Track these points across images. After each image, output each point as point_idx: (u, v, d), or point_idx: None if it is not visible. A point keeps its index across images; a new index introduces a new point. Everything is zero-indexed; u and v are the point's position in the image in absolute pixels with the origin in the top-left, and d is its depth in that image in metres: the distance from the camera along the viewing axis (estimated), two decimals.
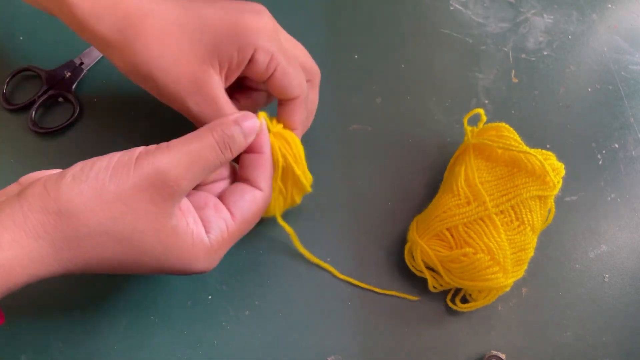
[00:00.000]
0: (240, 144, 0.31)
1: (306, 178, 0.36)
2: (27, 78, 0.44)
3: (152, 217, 0.27)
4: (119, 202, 0.27)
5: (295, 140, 0.35)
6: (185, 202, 0.30)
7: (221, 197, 0.33)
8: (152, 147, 0.29)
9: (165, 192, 0.27)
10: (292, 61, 0.34)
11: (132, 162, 0.27)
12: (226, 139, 0.29)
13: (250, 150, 0.33)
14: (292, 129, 0.36)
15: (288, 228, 0.38)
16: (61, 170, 0.28)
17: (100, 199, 0.26)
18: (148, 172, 0.27)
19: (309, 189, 0.37)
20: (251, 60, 0.33)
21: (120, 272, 0.29)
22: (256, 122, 0.32)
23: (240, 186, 0.33)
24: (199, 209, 0.31)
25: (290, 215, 0.42)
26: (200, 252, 0.30)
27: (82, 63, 0.45)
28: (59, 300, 0.38)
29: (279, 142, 0.34)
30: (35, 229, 0.26)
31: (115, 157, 0.28)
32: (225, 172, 0.34)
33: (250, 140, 0.32)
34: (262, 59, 0.33)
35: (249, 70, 0.34)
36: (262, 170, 0.33)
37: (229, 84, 0.34)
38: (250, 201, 0.32)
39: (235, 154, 0.31)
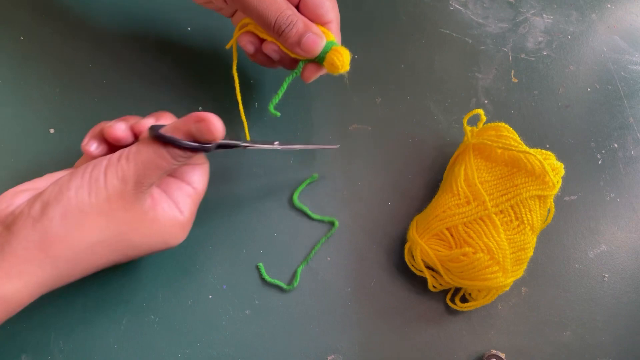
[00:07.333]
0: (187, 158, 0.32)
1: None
2: None
3: (130, 219, 0.31)
4: (100, 215, 0.30)
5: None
6: (157, 192, 0.34)
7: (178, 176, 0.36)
8: (115, 156, 0.31)
9: (131, 196, 0.31)
10: None
11: (102, 174, 0.30)
12: (174, 154, 0.31)
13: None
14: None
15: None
16: (37, 192, 0.31)
17: (84, 216, 0.30)
18: (115, 183, 0.30)
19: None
20: None
21: (110, 265, 0.33)
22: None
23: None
24: (169, 193, 0.35)
25: (290, 214, 0.42)
26: (178, 230, 0.34)
27: None
28: (59, 300, 0.38)
29: None
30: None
31: (87, 173, 0.31)
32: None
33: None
34: None
35: None
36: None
37: None
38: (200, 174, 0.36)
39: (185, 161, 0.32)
